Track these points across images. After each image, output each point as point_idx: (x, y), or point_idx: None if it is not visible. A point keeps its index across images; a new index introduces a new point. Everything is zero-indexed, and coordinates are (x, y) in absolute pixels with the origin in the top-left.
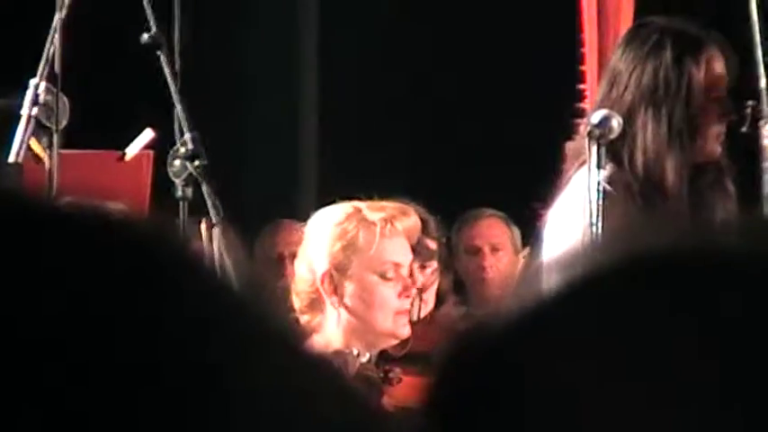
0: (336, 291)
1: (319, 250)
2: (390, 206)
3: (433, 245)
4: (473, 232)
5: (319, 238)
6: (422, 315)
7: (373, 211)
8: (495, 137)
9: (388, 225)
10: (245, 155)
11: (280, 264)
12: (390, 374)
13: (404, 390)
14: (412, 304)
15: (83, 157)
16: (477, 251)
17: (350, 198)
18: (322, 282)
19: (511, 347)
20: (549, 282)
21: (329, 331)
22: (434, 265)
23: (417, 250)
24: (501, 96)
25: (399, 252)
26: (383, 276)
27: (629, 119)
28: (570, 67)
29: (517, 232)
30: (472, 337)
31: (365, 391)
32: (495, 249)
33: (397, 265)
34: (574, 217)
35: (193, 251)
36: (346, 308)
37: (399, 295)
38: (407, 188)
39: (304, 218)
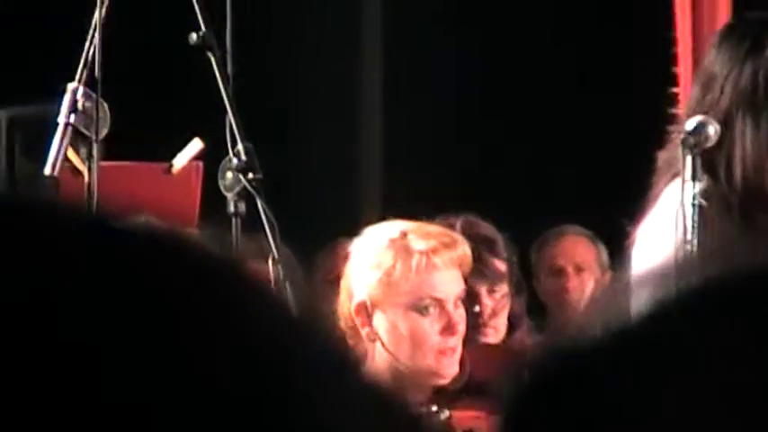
0: (371, 322)
1: (357, 277)
2: (439, 234)
3: (501, 266)
4: (555, 251)
5: (358, 262)
6: (492, 341)
7: (419, 238)
8: (577, 148)
9: (430, 258)
10: (303, 168)
11: (337, 287)
12: (436, 416)
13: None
14: (479, 334)
15: (125, 170)
16: (559, 272)
17: (413, 217)
18: (357, 312)
19: (595, 370)
20: (637, 302)
21: (370, 364)
22: (504, 288)
23: (484, 272)
24: (585, 103)
25: (443, 286)
26: (421, 312)
27: (725, 126)
28: (662, 69)
29: (604, 251)
30: (553, 358)
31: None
32: (579, 269)
33: (438, 301)
34: (665, 235)
35: (261, 279)
36: (381, 343)
37: (442, 332)
38: (477, 205)
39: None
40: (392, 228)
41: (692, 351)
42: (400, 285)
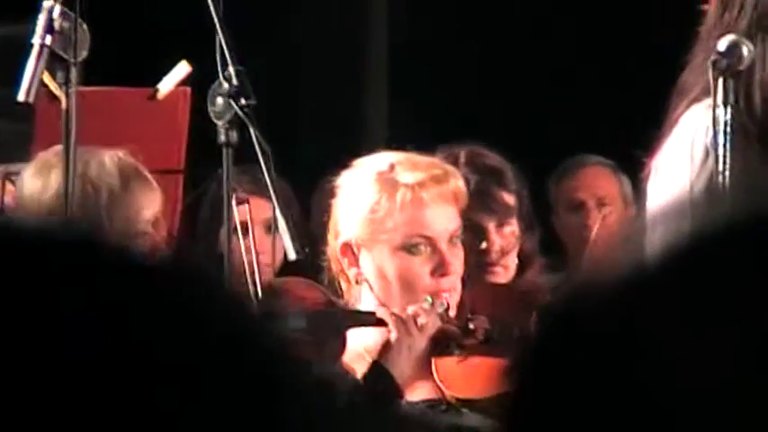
0: (357, 263)
1: (342, 214)
2: (429, 165)
3: (510, 199)
4: (575, 184)
5: (343, 198)
6: (501, 282)
7: (406, 171)
8: (589, 70)
9: (417, 192)
10: (301, 94)
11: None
12: (471, 325)
13: (465, 374)
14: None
15: (106, 96)
16: (580, 206)
17: (417, 149)
18: (343, 253)
19: (617, 312)
20: (653, 239)
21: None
22: (514, 223)
23: (491, 207)
24: (603, 24)
25: (433, 222)
26: (410, 251)
27: None
28: None
29: (627, 183)
30: (571, 302)
31: (443, 347)
32: (601, 204)
33: (428, 239)
34: (681, 166)
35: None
36: (369, 286)
37: (432, 273)
38: (483, 132)
39: None
40: (380, 160)
41: (708, 295)
42: (386, 223)
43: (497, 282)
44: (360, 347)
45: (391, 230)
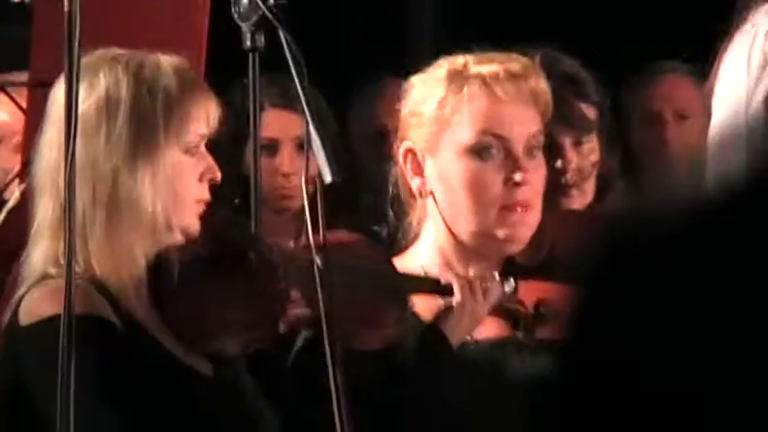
0: (421, 172)
1: (406, 116)
2: (506, 59)
3: (590, 112)
4: (652, 93)
5: (410, 99)
6: (577, 206)
7: (481, 64)
8: None
9: (490, 86)
10: None
11: (381, 141)
12: (542, 309)
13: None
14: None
15: None
16: (657, 119)
17: (463, 49)
18: (404, 160)
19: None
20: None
21: (427, 230)
22: (593, 139)
23: (569, 119)
24: None
25: (508, 121)
26: (480, 155)
27: None
28: None
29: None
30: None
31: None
32: (681, 117)
33: (501, 140)
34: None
35: None
36: (433, 197)
37: (507, 181)
38: (557, 36)
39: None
40: (451, 60)
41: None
42: (452, 120)
43: (573, 207)
44: None
45: (458, 128)
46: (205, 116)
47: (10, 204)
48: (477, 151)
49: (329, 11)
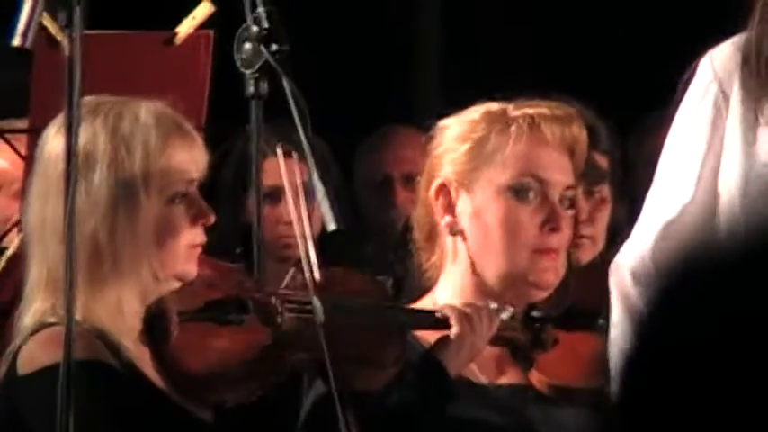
0: (453, 209)
1: (440, 153)
2: (549, 105)
3: (602, 161)
4: (658, 143)
5: (443, 141)
6: (588, 258)
7: (524, 107)
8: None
9: (537, 126)
10: (343, 37)
11: (387, 190)
12: (543, 335)
13: (560, 358)
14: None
15: (116, 40)
16: None
17: (488, 98)
18: (436, 196)
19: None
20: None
21: (449, 273)
22: (605, 189)
23: (581, 169)
24: None
25: (548, 165)
26: (519, 195)
27: None
28: None
29: None
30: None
31: (509, 359)
32: None
33: (542, 184)
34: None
35: None
36: (463, 235)
37: (542, 227)
38: (569, 86)
39: (420, 124)
40: (488, 105)
41: None
42: (494, 157)
43: (584, 257)
44: None
45: (499, 166)
46: (190, 162)
47: (9, 252)
48: (516, 192)
49: (334, 58)
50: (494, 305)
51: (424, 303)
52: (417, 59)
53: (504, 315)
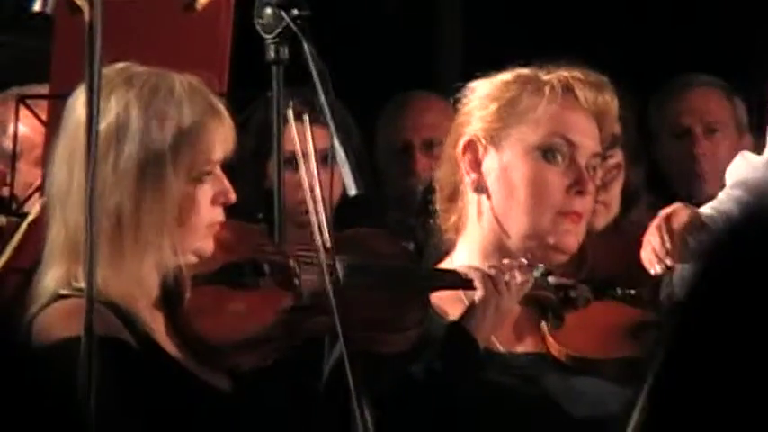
0: (479, 166)
1: (470, 110)
2: (583, 71)
3: (616, 127)
4: (681, 107)
5: (473, 99)
6: (602, 224)
7: (557, 70)
8: None
9: (571, 89)
10: (364, 3)
11: (407, 156)
12: (572, 293)
13: (577, 327)
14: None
15: (136, 6)
16: (686, 133)
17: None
18: (463, 153)
19: None
20: None
21: (469, 234)
22: (618, 154)
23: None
24: None
25: (579, 128)
26: (547, 157)
27: None
28: None
29: (742, 107)
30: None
31: (538, 315)
32: (711, 130)
33: (571, 145)
34: None
35: None
36: (487, 193)
37: (568, 189)
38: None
39: (443, 91)
40: (518, 69)
41: None
42: (526, 117)
43: (598, 222)
44: (460, 292)
45: (530, 125)
46: (220, 142)
47: (30, 218)
48: (545, 152)
49: (354, 25)
50: (525, 262)
51: (444, 266)
52: (439, 25)
53: (536, 273)
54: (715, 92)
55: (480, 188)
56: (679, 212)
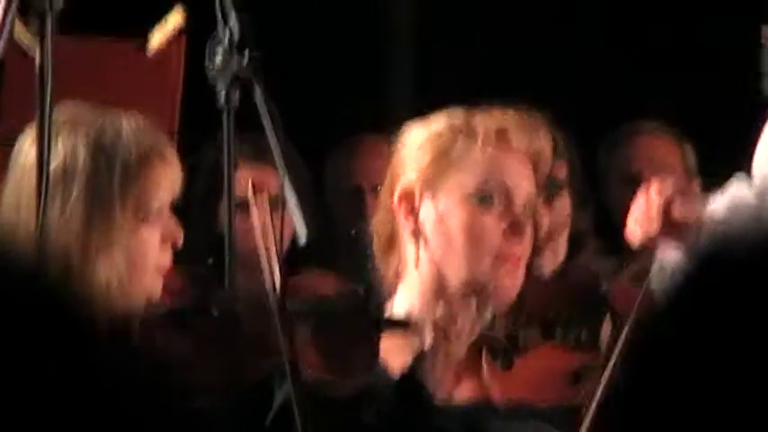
0: (416, 215)
1: (405, 160)
2: (515, 114)
3: (561, 171)
4: (630, 153)
5: (408, 146)
6: (550, 269)
7: (491, 117)
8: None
9: (504, 134)
10: (312, 41)
11: (357, 200)
12: (521, 338)
13: (516, 371)
14: (531, 257)
15: (88, 48)
16: (635, 178)
17: (458, 104)
18: (399, 201)
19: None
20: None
21: (408, 282)
22: (566, 199)
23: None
24: None
25: (513, 172)
26: (483, 200)
27: None
28: None
29: (691, 152)
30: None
31: (489, 363)
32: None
33: (506, 192)
34: None
35: None
36: (425, 241)
37: (505, 233)
38: (528, 92)
39: (391, 134)
40: (453, 113)
41: None
42: (460, 165)
43: (545, 268)
44: (402, 342)
45: (465, 172)
46: (167, 184)
47: None
48: (481, 198)
49: (304, 67)
50: (473, 307)
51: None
52: (390, 68)
53: (486, 317)
54: (664, 137)
55: (417, 236)
56: (665, 183)
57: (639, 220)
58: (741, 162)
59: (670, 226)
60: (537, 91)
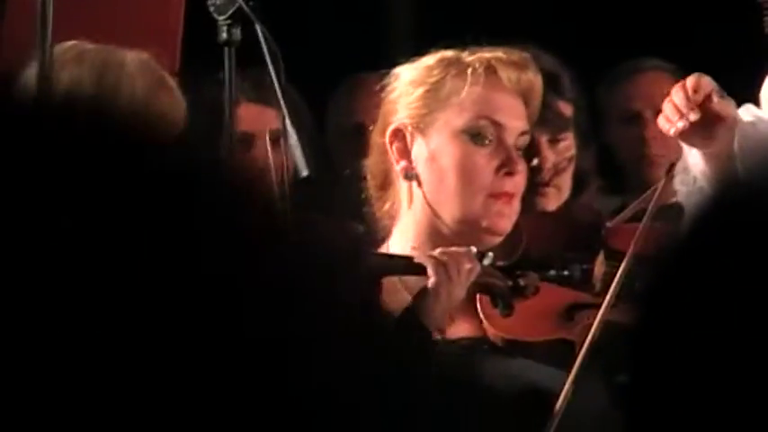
0: (408, 154)
1: (396, 98)
2: (505, 50)
3: (567, 109)
4: (630, 92)
5: (399, 84)
6: (554, 206)
7: (480, 52)
8: None
9: (494, 70)
10: None
11: (359, 136)
12: (521, 281)
13: (522, 308)
14: (538, 194)
15: None
16: (635, 117)
17: (456, 44)
18: (391, 141)
19: None
20: None
21: (403, 221)
22: (570, 137)
23: (545, 117)
24: None
25: (506, 109)
26: (474, 139)
27: None
28: None
29: None
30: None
31: (489, 306)
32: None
33: (498, 126)
34: None
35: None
36: (418, 180)
37: (497, 170)
38: (534, 31)
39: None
40: (443, 52)
41: None
42: (450, 102)
43: (549, 205)
44: (396, 280)
45: (455, 109)
46: (171, 117)
47: None
48: (472, 135)
49: (304, 6)
50: (474, 250)
51: (383, 250)
52: (390, 7)
53: (486, 261)
54: (664, 75)
55: (410, 175)
56: (703, 78)
57: (671, 116)
58: (745, 97)
59: (708, 119)
60: (538, 30)
